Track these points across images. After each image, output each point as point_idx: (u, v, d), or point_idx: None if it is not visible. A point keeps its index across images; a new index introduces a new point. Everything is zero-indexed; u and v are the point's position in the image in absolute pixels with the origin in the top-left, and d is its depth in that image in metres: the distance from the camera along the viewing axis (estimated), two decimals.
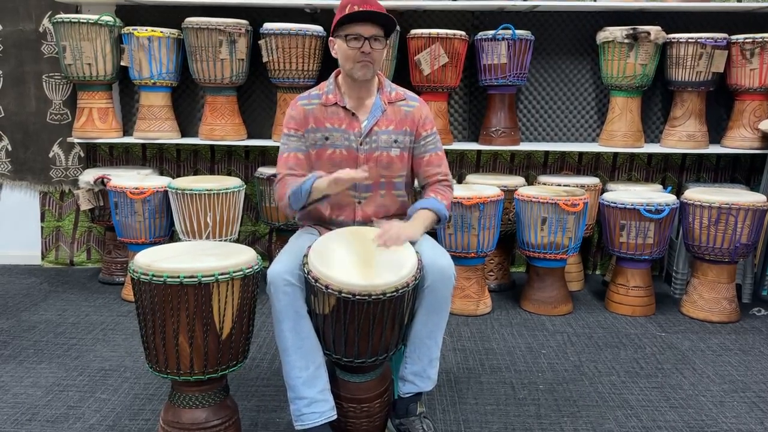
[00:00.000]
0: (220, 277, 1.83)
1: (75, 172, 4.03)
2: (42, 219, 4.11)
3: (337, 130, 2.15)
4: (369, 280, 1.83)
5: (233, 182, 3.37)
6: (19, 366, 2.66)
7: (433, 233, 3.27)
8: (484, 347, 2.93)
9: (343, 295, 1.82)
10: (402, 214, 2.31)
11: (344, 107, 2.15)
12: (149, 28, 3.60)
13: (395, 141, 2.17)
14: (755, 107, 3.72)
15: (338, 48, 2.11)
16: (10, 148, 4.02)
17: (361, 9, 2.02)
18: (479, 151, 4.08)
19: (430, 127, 2.23)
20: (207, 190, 3.23)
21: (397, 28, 3.62)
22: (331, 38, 2.13)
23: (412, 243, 2.05)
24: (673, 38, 3.67)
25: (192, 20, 3.54)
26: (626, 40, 3.60)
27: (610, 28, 3.67)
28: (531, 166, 4.11)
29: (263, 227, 4.13)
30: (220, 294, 1.84)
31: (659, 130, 4.02)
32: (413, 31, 3.66)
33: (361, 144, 2.14)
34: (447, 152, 3.96)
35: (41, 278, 3.86)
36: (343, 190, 2.07)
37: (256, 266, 1.96)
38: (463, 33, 3.66)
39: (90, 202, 3.64)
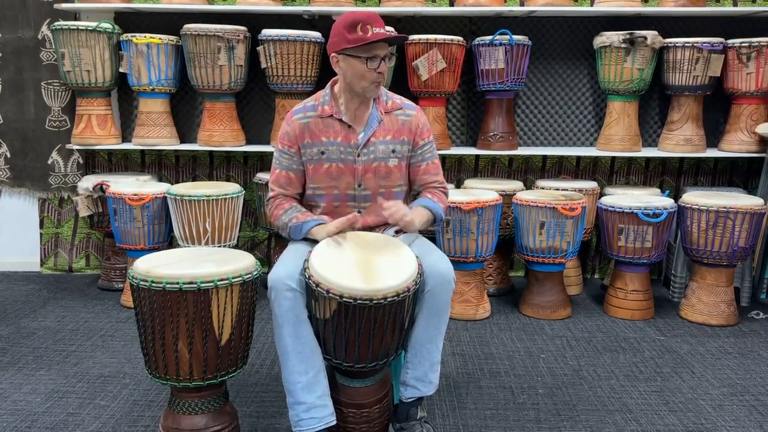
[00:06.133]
0: (219, 283, 1.83)
1: (74, 178, 4.03)
2: (41, 225, 4.11)
3: (332, 143, 2.14)
4: (370, 284, 1.84)
5: (232, 188, 3.37)
6: (18, 373, 2.65)
7: (432, 238, 3.29)
8: (484, 352, 2.93)
9: (344, 299, 1.82)
10: None
11: (340, 120, 2.15)
12: (147, 35, 3.61)
13: (393, 151, 2.17)
14: (752, 111, 3.74)
15: (349, 67, 2.06)
16: (9, 155, 4.02)
17: (375, 32, 2.00)
18: (477, 156, 4.09)
19: (427, 136, 2.24)
20: (206, 196, 3.24)
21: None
22: (334, 54, 2.08)
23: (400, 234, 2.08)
24: (670, 43, 3.68)
25: (190, 27, 3.55)
26: (623, 45, 3.61)
27: (607, 33, 3.68)
28: (529, 171, 4.12)
29: (262, 233, 4.13)
30: (219, 300, 1.85)
31: (657, 134, 4.03)
32: (411, 37, 3.67)
33: (358, 156, 2.14)
34: (445, 157, 4.03)
35: (40, 285, 3.86)
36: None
37: (255, 272, 1.96)
38: (460, 38, 3.67)
39: (89, 209, 3.64)
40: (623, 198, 3.47)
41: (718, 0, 3.87)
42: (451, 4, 3.83)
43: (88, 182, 3.64)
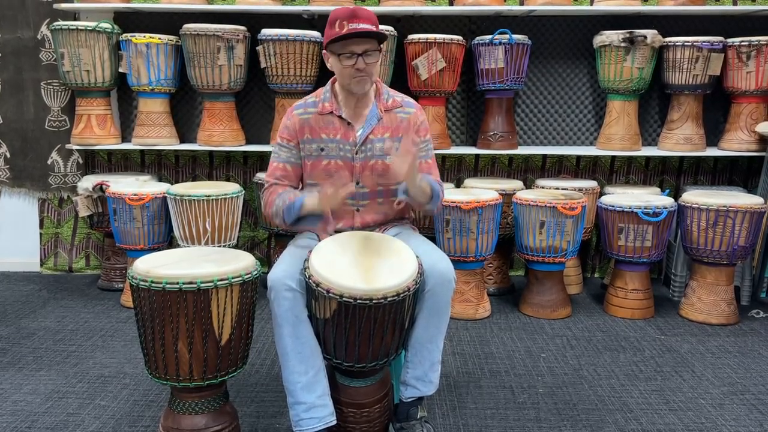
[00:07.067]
0: (219, 283, 1.83)
1: (74, 178, 4.03)
2: (41, 226, 4.11)
3: (332, 140, 2.14)
4: (370, 284, 1.83)
5: (232, 188, 3.37)
6: (18, 373, 2.65)
7: (432, 237, 3.29)
8: (484, 351, 2.93)
9: (344, 299, 1.82)
10: (401, 218, 2.31)
11: (340, 116, 2.15)
12: (147, 35, 3.61)
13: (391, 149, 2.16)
14: (752, 110, 3.74)
15: (333, 63, 2.10)
16: (8, 155, 4.02)
17: (350, 27, 1.99)
18: (477, 155, 4.09)
19: (424, 134, 2.22)
20: (205, 195, 3.24)
21: (394, 33, 3.63)
22: (324, 51, 2.11)
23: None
24: (670, 42, 3.68)
25: (190, 26, 3.55)
26: (623, 44, 3.61)
27: (607, 32, 3.68)
28: (529, 170, 4.12)
29: (262, 233, 4.13)
30: (219, 300, 1.85)
31: (656, 134, 4.03)
32: (410, 36, 3.67)
33: (356, 153, 2.14)
34: (445, 156, 4.03)
35: (40, 285, 3.86)
36: (340, 203, 2.04)
37: (255, 272, 1.96)
38: (460, 38, 3.67)
39: (89, 209, 3.64)
40: (623, 197, 3.46)
41: None
42: (451, 4, 3.83)
43: (87, 182, 3.64)
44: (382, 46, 2.12)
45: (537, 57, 3.96)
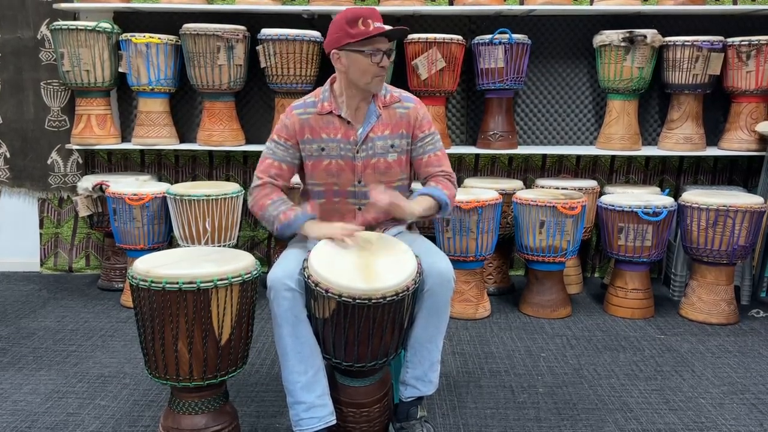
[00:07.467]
0: (218, 282, 1.83)
1: (73, 178, 4.03)
2: (41, 226, 4.11)
3: (332, 140, 2.13)
4: (369, 284, 1.83)
5: (232, 188, 3.37)
6: (18, 373, 2.66)
7: (431, 237, 3.29)
8: (484, 351, 2.93)
9: (343, 299, 1.82)
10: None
11: (339, 116, 2.14)
12: (147, 35, 3.61)
13: (392, 146, 2.15)
14: (752, 109, 3.73)
15: (352, 62, 2.04)
16: (8, 155, 4.02)
17: (376, 26, 2.00)
18: (477, 155, 4.09)
19: (427, 128, 2.19)
20: (205, 195, 3.24)
21: None
22: (335, 51, 2.06)
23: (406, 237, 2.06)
24: (670, 41, 3.68)
25: (189, 26, 3.55)
26: (623, 44, 3.61)
27: (607, 32, 3.68)
28: (529, 170, 4.12)
29: (262, 232, 4.13)
30: (218, 300, 1.85)
31: (656, 133, 4.03)
32: (410, 36, 3.66)
33: (357, 152, 2.13)
34: None
35: (40, 285, 3.86)
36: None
37: (255, 272, 1.96)
38: (460, 37, 3.67)
39: (89, 209, 3.64)
40: (623, 197, 3.46)
41: None
42: (451, 3, 3.83)
43: (87, 182, 3.64)
44: None
45: (537, 57, 3.96)
